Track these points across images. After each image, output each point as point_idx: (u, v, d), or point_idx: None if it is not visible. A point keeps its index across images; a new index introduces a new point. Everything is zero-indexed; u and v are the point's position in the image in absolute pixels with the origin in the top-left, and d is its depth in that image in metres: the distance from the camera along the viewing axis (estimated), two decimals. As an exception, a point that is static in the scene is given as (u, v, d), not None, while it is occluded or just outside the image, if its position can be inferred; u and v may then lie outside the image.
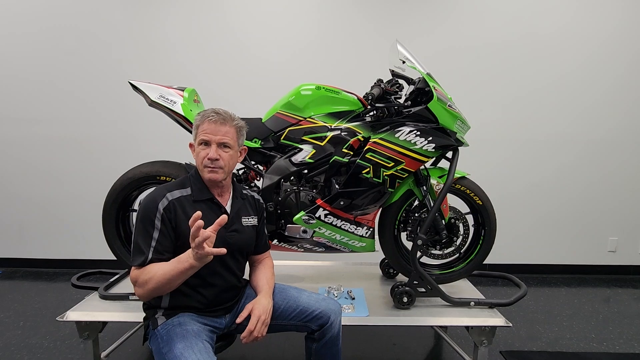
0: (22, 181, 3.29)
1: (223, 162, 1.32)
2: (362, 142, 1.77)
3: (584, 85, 3.26)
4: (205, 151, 1.31)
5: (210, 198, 1.35)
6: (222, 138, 1.31)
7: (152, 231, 1.24)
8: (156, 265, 1.21)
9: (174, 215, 1.27)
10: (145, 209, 1.27)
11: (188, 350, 1.16)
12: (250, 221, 1.45)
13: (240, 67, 3.20)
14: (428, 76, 1.76)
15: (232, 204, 1.41)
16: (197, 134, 1.33)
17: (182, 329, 1.24)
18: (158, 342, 1.25)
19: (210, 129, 1.31)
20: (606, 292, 3.06)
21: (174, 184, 1.35)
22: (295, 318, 1.41)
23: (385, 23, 3.19)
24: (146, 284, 1.20)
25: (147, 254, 1.23)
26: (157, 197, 1.28)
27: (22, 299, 2.74)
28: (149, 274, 1.20)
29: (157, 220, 1.25)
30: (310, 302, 1.42)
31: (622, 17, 3.19)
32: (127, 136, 3.23)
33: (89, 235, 3.26)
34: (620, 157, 3.33)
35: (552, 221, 3.38)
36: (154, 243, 1.24)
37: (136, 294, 1.25)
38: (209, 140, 1.31)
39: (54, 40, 3.14)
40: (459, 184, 1.87)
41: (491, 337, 1.67)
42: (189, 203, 1.31)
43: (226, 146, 1.33)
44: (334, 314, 1.41)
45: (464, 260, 1.98)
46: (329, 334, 1.39)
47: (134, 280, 1.24)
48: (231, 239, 1.36)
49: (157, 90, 1.82)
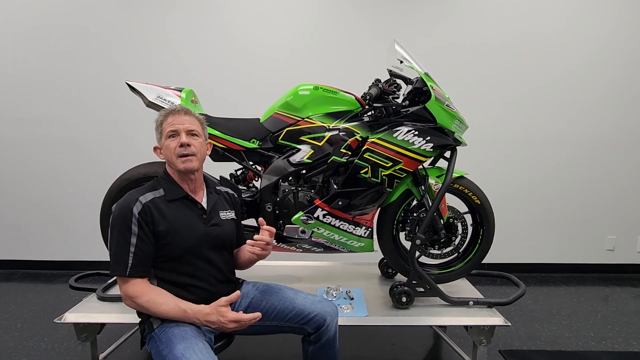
0: (20, 182, 3.28)
1: (195, 149, 1.33)
2: (360, 142, 1.77)
3: (582, 85, 3.26)
4: (175, 140, 1.31)
5: (184, 196, 1.35)
6: (190, 126, 1.33)
7: (130, 237, 1.24)
8: (152, 289, 1.25)
9: (150, 218, 1.26)
10: (120, 217, 1.25)
11: (189, 350, 1.16)
12: (229, 215, 1.45)
13: (238, 68, 3.19)
14: (426, 76, 1.76)
15: (208, 200, 1.41)
16: (164, 129, 1.33)
17: (181, 329, 1.23)
18: (157, 345, 1.24)
19: (176, 120, 1.32)
20: (605, 291, 3.07)
21: (144, 188, 1.34)
22: (291, 320, 1.40)
23: (383, 23, 3.19)
24: (136, 298, 1.22)
25: (127, 261, 1.23)
26: (130, 202, 1.26)
27: (20, 301, 2.73)
28: (138, 289, 1.23)
29: (134, 225, 1.24)
30: (306, 304, 1.41)
31: (621, 17, 3.20)
32: (124, 137, 3.22)
33: (86, 237, 3.25)
34: (618, 157, 3.34)
35: (550, 220, 3.39)
36: (133, 249, 1.24)
37: (126, 304, 1.26)
38: (177, 130, 1.31)
39: (51, 40, 3.13)
40: (457, 183, 1.87)
41: (490, 337, 1.68)
42: (163, 203, 1.30)
43: (194, 134, 1.35)
44: (330, 317, 1.40)
45: (463, 260, 1.98)
46: (325, 337, 1.39)
47: (122, 293, 1.26)
48: (213, 233, 1.36)
49: (154, 91, 1.81)
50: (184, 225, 1.30)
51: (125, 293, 1.24)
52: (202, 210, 1.38)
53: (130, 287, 1.23)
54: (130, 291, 1.23)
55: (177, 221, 1.30)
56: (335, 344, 1.43)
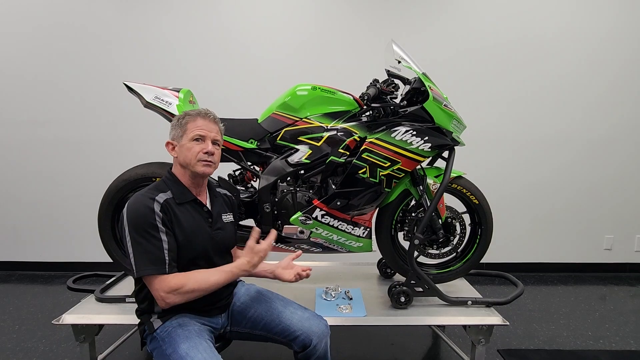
0: (17, 183, 3.27)
1: (216, 159, 1.35)
2: (359, 142, 1.77)
3: (580, 86, 3.27)
4: (200, 145, 1.31)
5: (193, 199, 1.35)
6: (216, 136, 1.36)
7: (159, 234, 1.21)
8: (188, 273, 1.24)
9: (170, 217, 1.25)
10: (141, 217, 1.21)
11: (193, 350, 1.16)
12: (229, 218, 1.46)
13: (236, 68, 3.19)
14: (424, 76, 1.76)
15: (211, 203, 1.41)
16: (189, 129, 1.31)
17: (184, 329, 1.23)
18: (159, 345, 1.23)
19: (205, 125, 1.33)
20: (602, 290, 3.08)
21: (151, 189, 1.30)
22: (278, 334, 1.38)
23: (381, 23, 3.19)
24: (182, 287, 1.20)
25: (164, 258, 1.20)
26: (147, 202, 1.23)
27: (18, 302, 2.72)
28: (179, 279, 1.21)
29: (159, 223, 1.22)
30: (293, 321, 1.37)
31: (620, 18, 3.21)
32: (122, 138, 3.21)
33: (84, 238, 3.25)
34: (615, 156, 3.35)
35: (548, 220, 3.40)
36: (166, 245, 1.22)
37: (168, 301, 1.20)
38: (205, 136, 1.32)
39: (48, 41, 3.12)
40: (455, 183, 1.88)
41: (489, 336, 1.68)
42: (175, 205, 1.29)
43: (217, 144, 1.36)
44: (317, 337, 1.34)
45: (461, 260, 1.98)
46: (314, 357, 1.34)
47: (163, 290, 1.19)
48: (217, 237, 1.36)
49: (152, 92, 1.81)
50: (194, 229, 1.30)
51: (168, 288, 1.19)
52: (208, 214, 1.37)
53: (172, 281, 1.20)
54: (173, 284, 1.19)
55: (189, 224, 1.29)
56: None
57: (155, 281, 1.20)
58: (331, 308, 1.74)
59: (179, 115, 1.37)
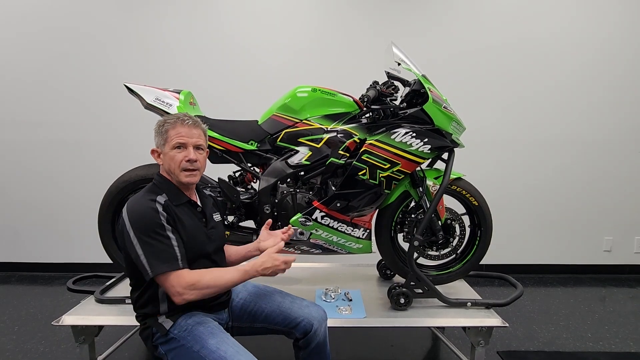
0: (17, 184, 3.27)
1: (199, 164, 1.33)
2: (358, 143, 1.77)
3: (579, 88, 3.28)
4: (182, 154, 1.29)
5: (188, 200, 1.36)
6: (198, 140, 1.32)
7: (167, 232, 1.22)
8: (201, 270, 1.24)
9: (172, 217, 1.26)
10: (146, 218, 1.21)
11: (223, 344, 1.18)
12: (218, 217, 1.48)
13: (236, 69, 3.20)
14: (423, 78, 1.77)
15: (202, 203, 1.42)
16: (170, 137, 1.29)
17: (205, 326, 1.25)
18: (181, 344, 1.22)
19: (185, 132, 1.30)
20: (602, 292, 3.08)
21: (147, 193, 1.29)
22: (279, 324, 1.41)
23: (381, 25, 3.20)
24: (197, 283, 1.20)
25: (176, 254, 1.21)
26: (149, 203, 1.24)
27: (17, 303, 2.72)
28: (193, 275, 1.21)
29: (164, 222, 1.22)
30: (293, 308, 1.41)
31: (620, 20, 3.21)
32: (122, 139, 3.22)
33: (84, 239, 3.24)
34: (615, 158, 3.35)
35: (547, 221, 3.40)
36: (175, 242, 1.22)
37: (186, 297, 1.19)
38: (186, 143, 1.29)
39: (48, 42, 3.13)
40: (455, 185, 1.88)
41: (488, 338, 1.68)
42: (173, 207, 1.29)
43: (200, 148, 1.34)
44: (317, 322, 1.39)
45: (461, 261, 1.99)
46: (314, 342, 1.38)
47: (179, 286, 1.19)
48: (213, 236, 1.38)
49: (152, 93, 1.81)
50: (193, 229, 1.31)
51: (185, 284, 1.18)
52: (202, 214, 1.39)
53: (187, 276, 1.20)
54: (189, 279, 1.19)
55: (189, 224, 1.30)
56: (326, 348, 1.42)
57: (171, 277, 1.19)
58: (331, 309, 1.74)
59: (159, 121, 1.34)
